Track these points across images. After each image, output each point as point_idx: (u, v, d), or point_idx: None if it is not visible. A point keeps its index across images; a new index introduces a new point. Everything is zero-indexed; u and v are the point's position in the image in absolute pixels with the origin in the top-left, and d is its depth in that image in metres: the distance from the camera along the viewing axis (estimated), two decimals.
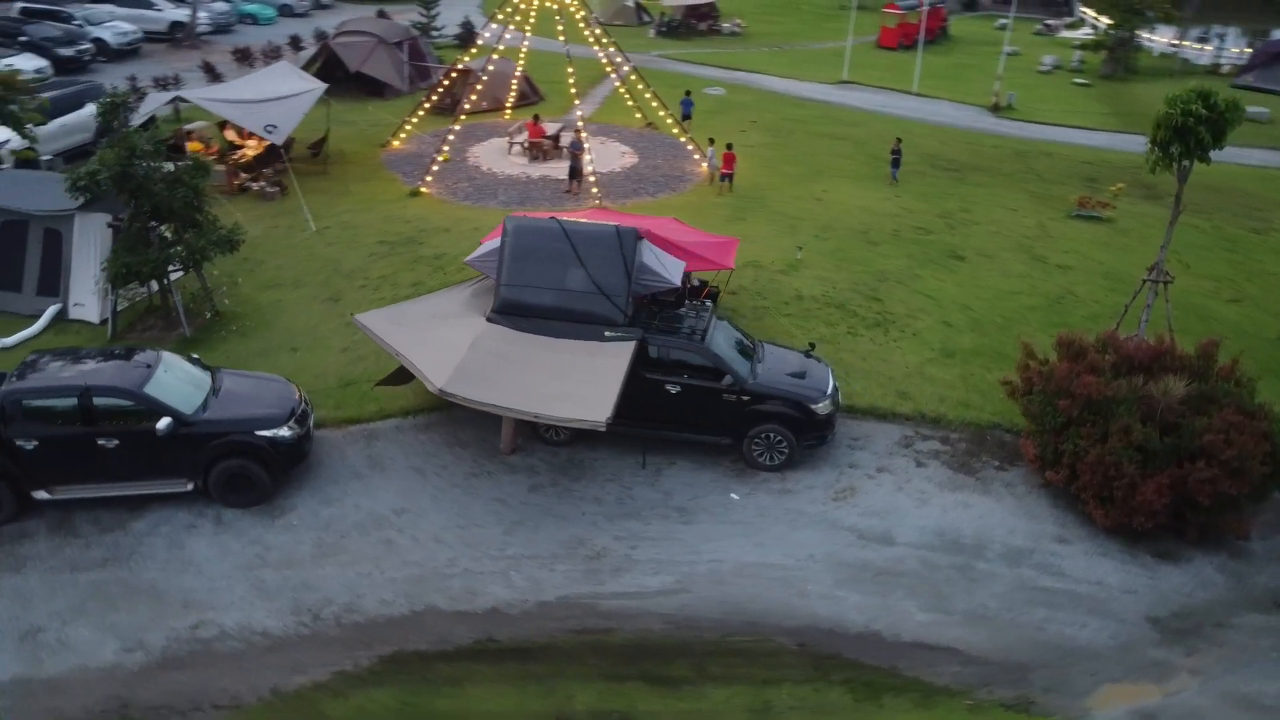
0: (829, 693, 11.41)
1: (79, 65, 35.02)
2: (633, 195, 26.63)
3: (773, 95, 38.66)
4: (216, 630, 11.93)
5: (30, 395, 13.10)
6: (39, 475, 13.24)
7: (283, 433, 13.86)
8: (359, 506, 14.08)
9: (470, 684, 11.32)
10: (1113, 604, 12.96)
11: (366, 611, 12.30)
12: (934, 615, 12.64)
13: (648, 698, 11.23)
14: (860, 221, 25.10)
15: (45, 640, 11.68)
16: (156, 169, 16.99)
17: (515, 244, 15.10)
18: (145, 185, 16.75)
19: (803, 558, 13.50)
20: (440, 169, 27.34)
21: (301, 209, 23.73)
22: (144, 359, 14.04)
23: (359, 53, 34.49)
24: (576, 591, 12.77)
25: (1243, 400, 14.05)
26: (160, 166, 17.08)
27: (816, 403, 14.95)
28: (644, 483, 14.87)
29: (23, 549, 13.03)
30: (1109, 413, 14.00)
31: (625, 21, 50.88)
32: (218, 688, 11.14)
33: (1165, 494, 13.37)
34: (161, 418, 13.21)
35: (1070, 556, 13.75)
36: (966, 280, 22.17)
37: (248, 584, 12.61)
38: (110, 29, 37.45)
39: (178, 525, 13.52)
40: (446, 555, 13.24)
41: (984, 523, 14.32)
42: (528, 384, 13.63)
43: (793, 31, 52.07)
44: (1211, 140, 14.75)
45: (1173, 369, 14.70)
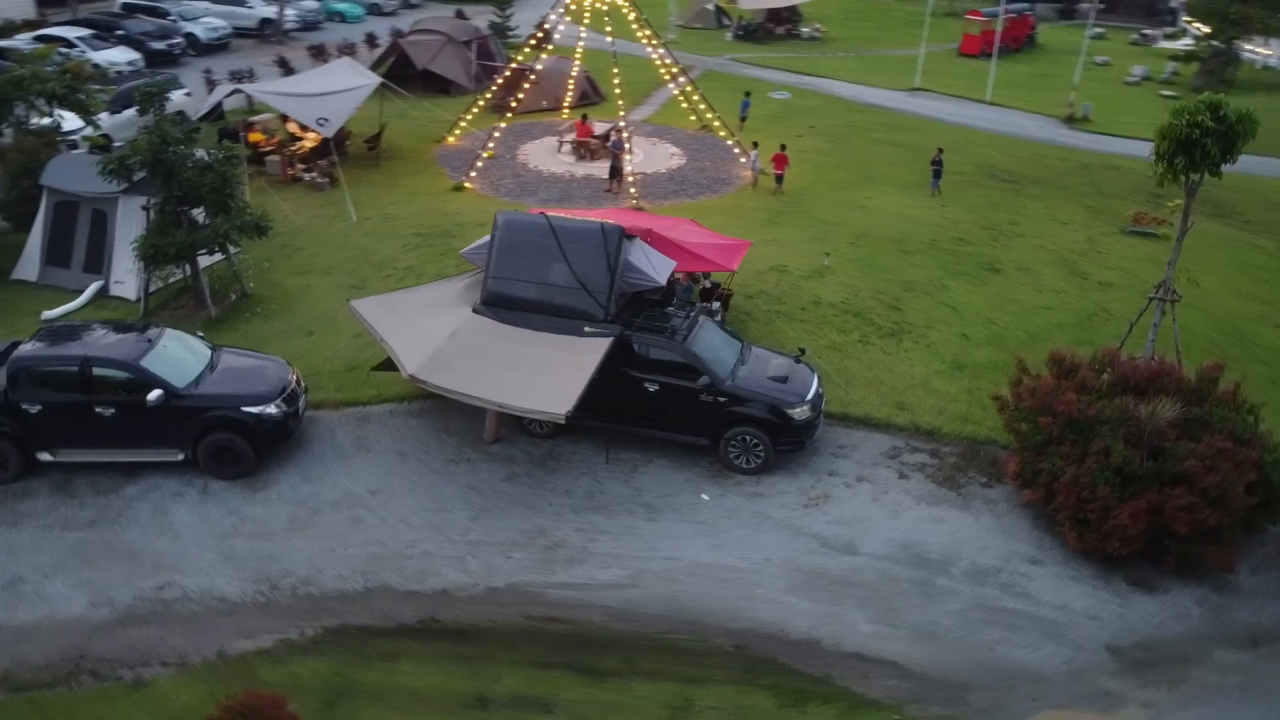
0: (753, 696, 11.38)
1: (169, 58, 36.93)
2: (672, 196, 26.77)
3: (838, 101, 38.26)
4: (179, 592, 12.57)
5: (36, 362, 14.01)
6: (42, 438, 14.14)
7: (269, 410, 14.47)
8: (337, 485, 14.60)
9: (403, 660, 11.67)
10: (1073, 630, 12.57)
11: (322, 585, 12.78)
12: (881, 628, 12.46)
13: (572, 687, 11.39)
14: (899, 230, 24.72)
15: (24, 591, 12.50)
16: (187, 155, 17.86)
17: (503, 238, 15.44)
18: (175, 171, 17.64)
19: (759, 561, 13.46)
20: (487, 165, 27.98)
21: (345, 200, 24.56)
22: (148, 334, 14.85)
23: (427, 51, 35.46)
24: (526, 580, 13.01)
25: (1236, 427, 13.42)
26: (191, 153, 17.95)
27: (793, 408, 14.87)
28: (618, 478, 15.03)
29: (22, 505, 13.94)
30: (1091, 433, 13.56)
31: (704, 25, 50.99)
32: (169, 646, 11.75)
33: (1141, 519, 12.90)
34: (155, 393, 13.93)
35: (1039, 578, 13.37)
36: (997, 293, 21.64)
37: (218, 551, 13.24)
38: (201, 24, 39.35)
39: (166, 492, 14.25)
40: (410, 537, 13.64)
41: (956, 539, 14.03)
42: (498, 374, 13.94)
43: (874, 38, 51.32)
44: (1220, 154, 14.12)
45: (1170, 391, 14.14)
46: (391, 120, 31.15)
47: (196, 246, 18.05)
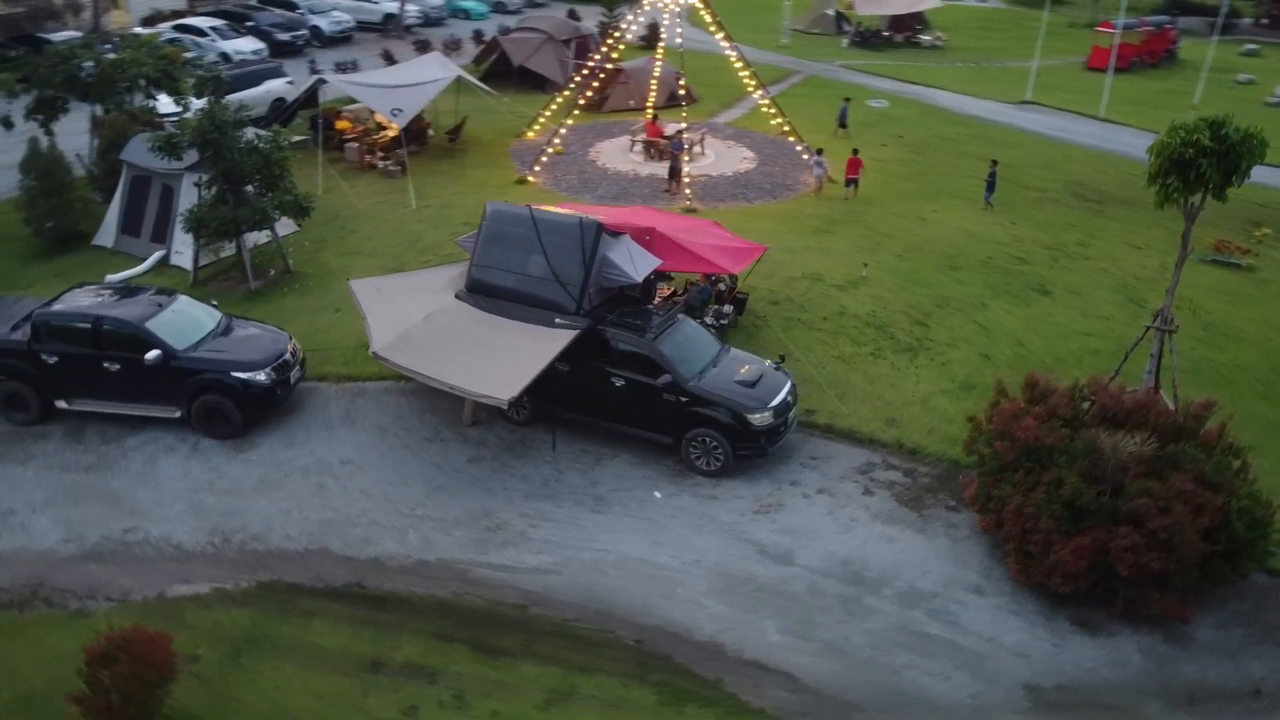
0: (637, 691, 11.48)
1: (293, 49, 39.30)
2: (730, 199, 26.77)
3: (937, 111, 37.20)
4: (142, 536, 13.64)
5: (55, 318, 15.42)
6: (58, 386, 15.55)
7: (258, 377, 15.46)
8: (314, 453, 15.45)
9: (319, 619, 12.33)
10: (994, 664, 12.09)
11: (268, 542, 13.61)
12: (790, 639, 12.32)
13: (465, 661, 11.78)
14: (953, 245, 24.00)
15: (12, 522, 13.83)
16: (235, 137, 19.17)
17: (489, 228, 15.96)
18: (222, 151, 18.97)
19: (689, 562, 13.50)
20: (556, 161, 28.64)
21: (408, 188, 25.68)
22: (160, 299, 16.10)
23: (525, 48, 36.48)
24: (457, 556, 13.48)
25: (1206, 469, 12.57)
26: (239, 135, 19.25)
27: (753, 413, 14.79)
28: (579, 469, 15.31)
29: (36, 446, 15.37)
30: (1049, 461, 12.99)
31: (823, 30, 50.40)
32: (116, 584, 12.79)
33: (1085, 557, 12.28)
34: (153, 352, 15.11)
35: (975, 608, 12.90)
36: (1038, 316, 20.78)
37: (188, 503, 14.27)
38: (327, 18, 41.69)
39: (161, 446, 15.43)
40: (363, 506, 14.33)
41: (901, 559, 13.68)
42: (458, 358, 14.45)
43: (1002, 49, 49.46)
44: (1219, 177, 13.21)
45: (1149, 426, 13.35)
46: (479, 115, 32.32)
47: (239, 222, 19.32)
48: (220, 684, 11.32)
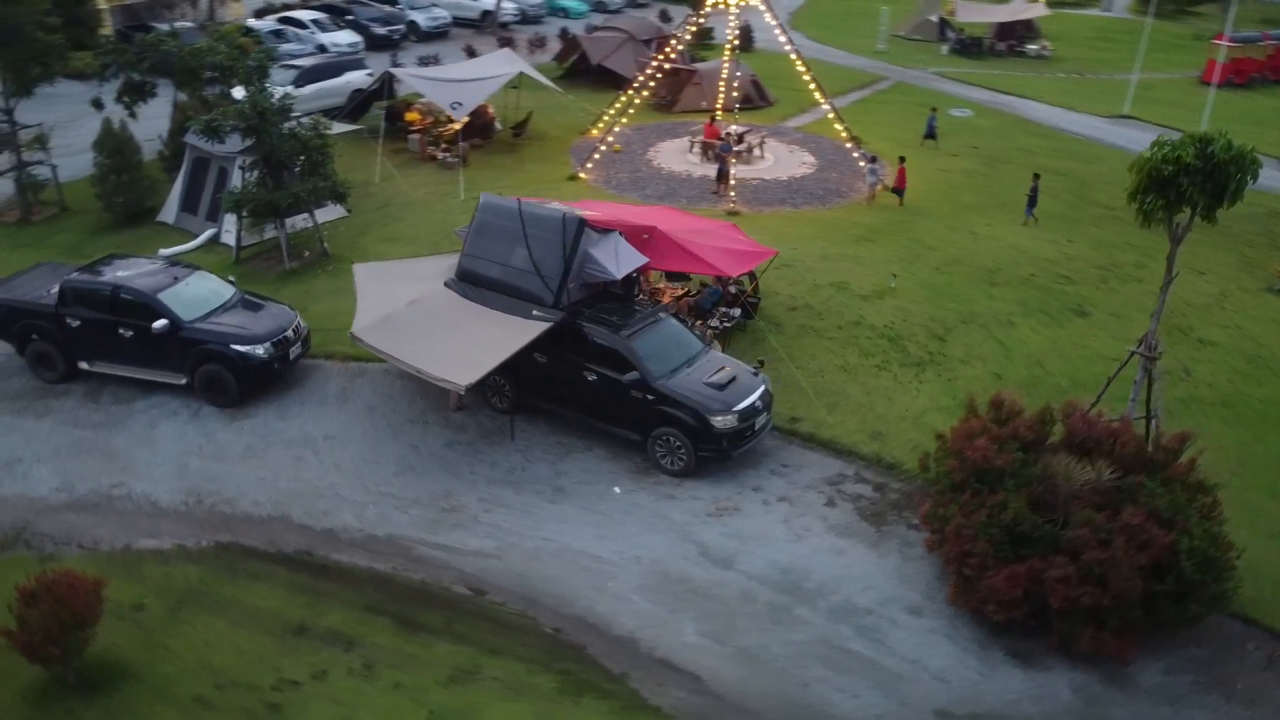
0: (540, 677, 11.68)
1: (389, 43, 40.77)
2: (777, 204, 26.59)
3: (1022, 122, 35.92)
4: (125, 492, 14.60)
5: (80, 285, 16.62)
6: (80, 348, 16.76)
7: (256, 351, 16.31)
8: (302, 426, 16.20)
9: (261, 582, 12.98)
10: (910, 686, 11.80)
11: (236, 506, 14.37)
12: (706, 642, 12.30)
13: (383, 634, 12.21)
14: (997, 260, 23.28)
15: (16, 470, 15.01)
16: (276, 124, 20.19)
17: (480, 219, 16.40)
18: (262, 136, 20.03)
19: (629, 558, 13.62)
20: (611, 159, 28.99)
21: (459, 179, 26.46)
22: (178, 273, 17.14)
23: (604, 47, 36.94)
24: (406, 534, 13.95)
25: (1161, 504, 11.94)
26: (279, 122, 20.27)
27: (715, 415, 14.77)
28: (548, 460, 15.59)
29: (55, 403, 16.61)
30: (998, 484, 12.58)
31: (924, 36, 49.21)
32: (91, 533, 13.76)
33: (1020, 585, 11.86)
34: (160, 321, 16.12)
35: (908, 629, 12.60)
36: (1067, 337, 19.99)
37: (174, 464, 15.19)
38: (424, 14, 43.14)
39: (165, 410, 16.46)
40: (332, 480, 14.97)
41: (844, 573, 13.46)
42: (430, 342, 14.93)
43: (1112, 60, 47.25)
44: (1203, 197, 12.50)
45: (1115, 456, 12.78)
46: (552, 111, 32.94)
47: (275, 204, 20.35)
48: (157, 633, 12.07)
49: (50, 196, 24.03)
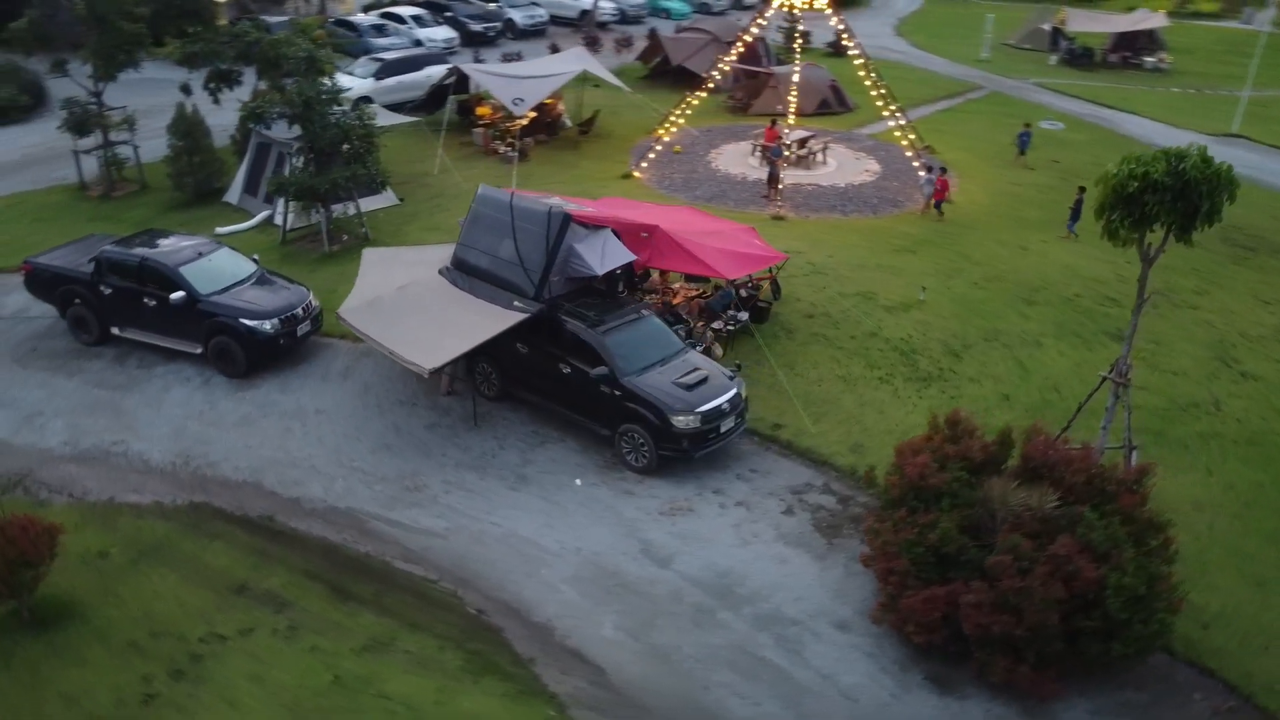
0: (448, 654, 12.01)
1: (484, 39, 41.97)
2: (826, 210, 26.28)
3: (1116, 138, 34.26)
4: (123, 449, 15.66)
5: (113, 255, 17.87)
6: (111, 315, 18.02)
7: (264, 326, 17.22)
8: (299, 400, 17.01)
9: (219, 541, 13.74)
10: (815, 700, 11.63)
11: (217, 470, 15.23)
12: (621, 636, 12.40)
13: (315, 599, 12.77)
14: (1042, 278, 22.44)
15: (36, 422, 16.28)
16: (320, 113, 21.19)
17: (476, 210, 16.87)
18: (306, 125, 21.06)
19: (570, 549, 13.82)
20: (670, 159, 29.19)
21: (512, 174, 27.10)
22: (202, 248, 18.22)
23: (686, 48, 37.08)
24: (364, 508, 14.51)
25: (1097, 537, 11.39)
26: (324, 112, 21.25)
27: (676, 415, 14.80)
28: (520, 448, 15.93)
29: (86, 364, 17.91)
30: (933, 503, 12.25)
31: (1035, 46, 47.48)
32: (82, 484, 14.84)
33: (938, 608, 11.53)
34: (177, 293, 17.21)
35: (830, 643, 12.40)
36: (1094, 362, 19.07)
37: (173, 427, 16.20)
38: (522, 11, 44.20)
39: (179, 377, 17.54)
40: (310, 451, 15.68)
41: (781, 582, 13.33)
42: (408, 326, 15.46)
43: (1235, 75, 44.34)
44: (1172, 216, 11.84)
45: (1065, 483, 12.26)
46: (626, 110, 33.33)
47: (314, 189, 21.35)
48: (113, 580, 12.96)
49: (132, 174, 25.77)
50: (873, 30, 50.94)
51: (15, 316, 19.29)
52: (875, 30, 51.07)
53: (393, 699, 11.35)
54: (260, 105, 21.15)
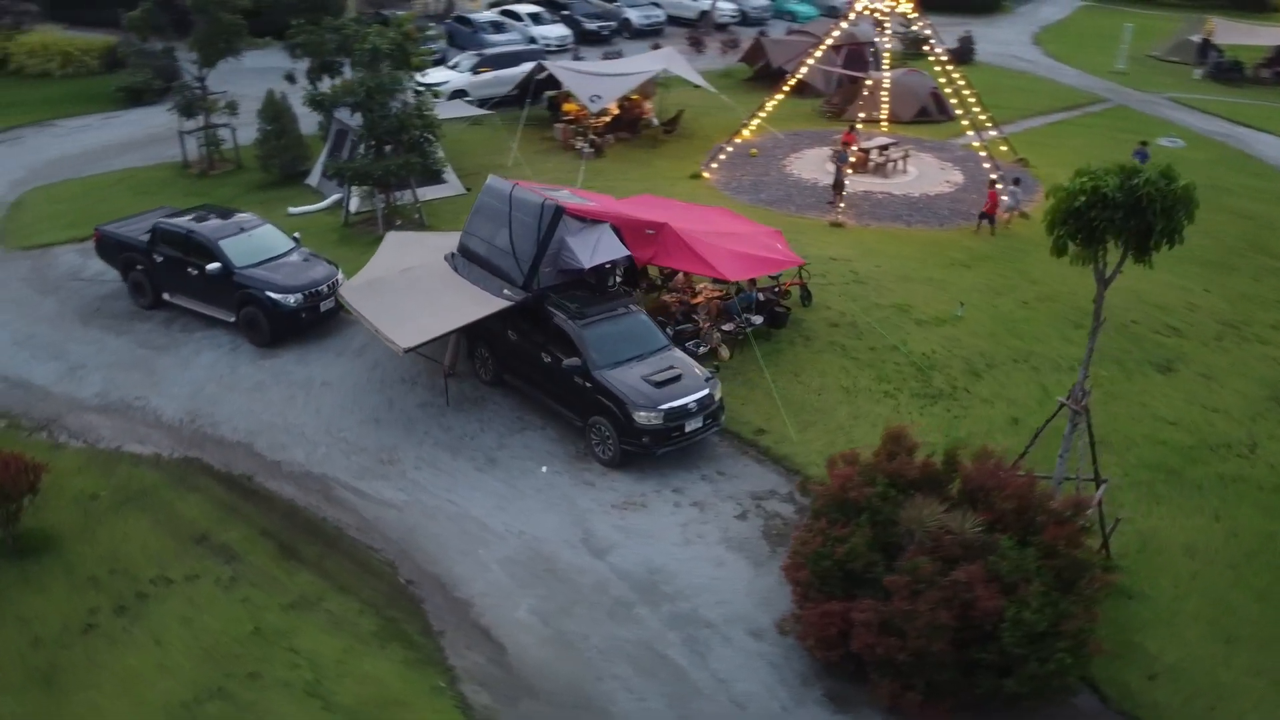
0: (365, 618, 12.54)
1: (598, 38, 42.73)
2: (888, 219, 25.69)
3: (1242, 158, 31.93)
4: (143, 404, 16.99)
5: (165, 227, 19.36)
6: (163, 281, 19.55)
7: (287, 299, 18.31)
8: (310, 372, 17.97)
9: (196, 494, 14.75)
10: (703, 703, 11.56)
11: (217, 430, 16.32)
12: (533, 620, 12.64)
13: (262, 555, 13.55)
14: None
15: (77, 374, 17.83)
16: (380, 102, 22.27)
17: (481, 199, 17.42)
18: (367, 113, 22.18)
19: (513, 532, 14.15)
20: (743, 161, 29.12)
21: (580, 171, 27.60)
22: (245, 223, 19.53)
23: (788, 51, 36.73)
24: (336, 476, 15.27)
25: (1005, 567, 10.86)
26: (384, 102, 22.32)
27: (638, 410, 14.90)
28: (501, 431, 16.37)
29: (136, 325, 19.48)
30: (853, 517, 11.96)
31: (1182, 58, 44.53)
32: (98, 432, 16.20)
33: (834, 624, 11.28)
34: (214, 264, 18.52)
35: (738, 649, 12.27)
36: (1127, 392, 18.11)
37: (192, 387, 17.44)
38: (639, 11, 44.74)
39: (211, 343, 18.85)
40: (305, 420, 16.58)
41: (710, 584, 13.26)
42: (398, 306, 16.14)
43: None
44: (1122, 237, 11.12)
45: (994, 508, 11.74)
46: (716, 112, 33.38)
47: (369, 174, 22.46)
48: (94, 520, 14.15)
49: (230, 155, 27.70)
50: (1007, 38, 49.02)
51: (92, 279, 21.12)
52: (1010, 38, 49.10)
53: (300, 654, 11.97)
54: (322, 93, 22.35)
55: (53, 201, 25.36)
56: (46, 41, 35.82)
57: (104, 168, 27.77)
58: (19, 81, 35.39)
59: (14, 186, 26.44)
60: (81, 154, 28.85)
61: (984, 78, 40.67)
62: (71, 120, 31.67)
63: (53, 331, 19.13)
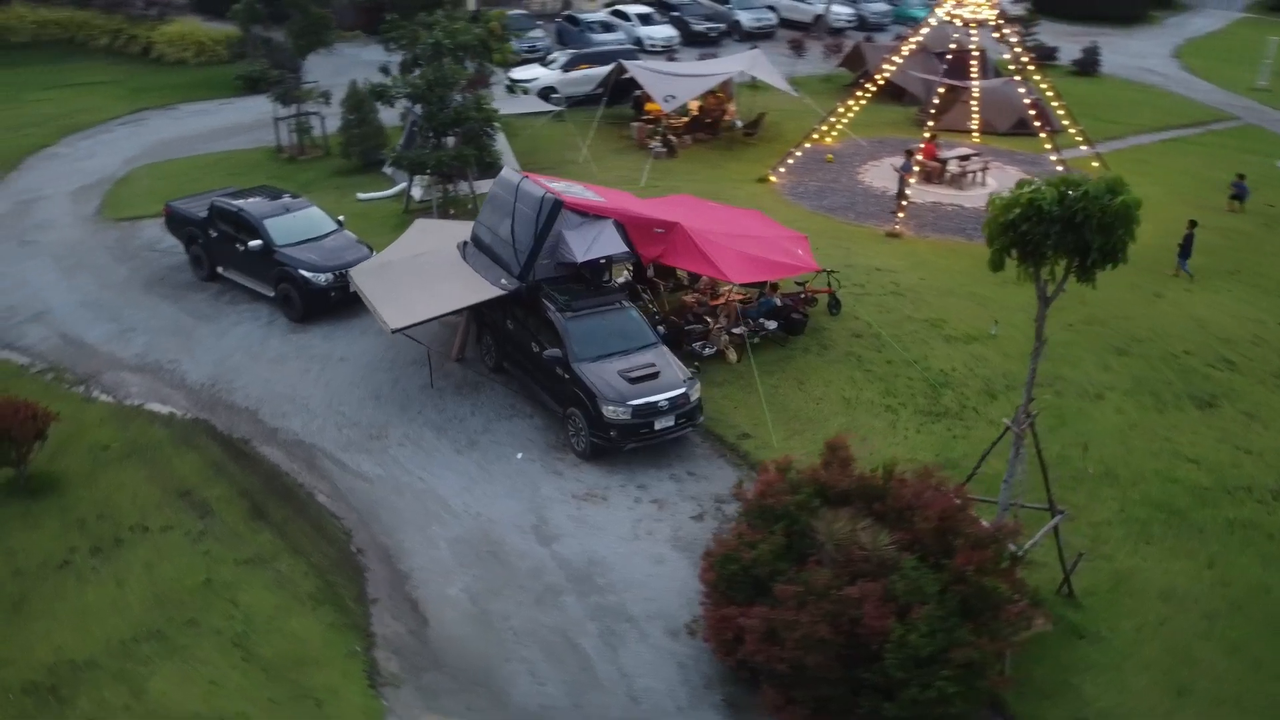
0: (308, 580, 13.14)
1: (706, 39, 42.81)
2: (948, 232, 25.03)
3: None
4: (174, 367, 18.23)
5: (221, 205, 20.69)
6: (216, 255, 20.93)
7: (318, 278, 19.31)
8: (331, 348, 18.86)
9: (190, 451, 15.76)
10: (597, 695, 11.66)
11: (230, 396, 17.37)
12: (462, 597, 13.00)
13: (234, 514, 14.37)
14: (1154, 329, 20.14)
15: (127, 335, 19.28)
16: (440, 96, 23.14)
17: (492, 190, 17.90)
18: (426, 105, 23.10)
19: (471, 512, 14.56)
20: (812, 167, 28.77)
21: (644, 169, 27.84)
22: (290, 204, 20.69)
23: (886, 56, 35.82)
24: (324, 447, 16.03)
25: (903, 587, 10.52)
26: (444, 95, 23.18)
27: (607, 404, 15.06)
28: (490, 416, 16.81)
29: (190, 295, 20.90)
30: (773, 523, 11.82)
31: None
32: (127, 389, 17.51)
33: (730, 628, 11.19)
34: (256, 241, 19.72)
35: (651, 646, 12.31)
36: (1154, 427, 17.10)
37: (221, 355, 18.59)
38: (751, 13, 44.57)
39: (253, 315, 20.04)
40: (312, 392, 17.44)
41: (643, 580, 13.32)
42: (399, 288, 16.78)
43: None
44: (1059, 254, 10.56)
45: (914, 527, 11.39)
46: (803, 116, 33.02)
47: (424, 164, 23.37)
48: (99, 469, 15.35)
49: (319, 142, 29.26)
50: (1144, 50, 46.39)
51: (166, 251, 22.75)
52: (1147, 50, 46.44)
53: (239, 607, 12.71)
54: (383, 85, 23.38)
55: (155, 178, 27.38)
56: (184, 32, 38.61)
57: (208, 149, 29.79)
58: (158, 68, 38.27)
59: (127, 163, 28.69)
60: (192, 136, 31.03)
61: (1104, 90, 38.81)
62: (191, 105, 34.06)
63: (117, 296, 20.75)
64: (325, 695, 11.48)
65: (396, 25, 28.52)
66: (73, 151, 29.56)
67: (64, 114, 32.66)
